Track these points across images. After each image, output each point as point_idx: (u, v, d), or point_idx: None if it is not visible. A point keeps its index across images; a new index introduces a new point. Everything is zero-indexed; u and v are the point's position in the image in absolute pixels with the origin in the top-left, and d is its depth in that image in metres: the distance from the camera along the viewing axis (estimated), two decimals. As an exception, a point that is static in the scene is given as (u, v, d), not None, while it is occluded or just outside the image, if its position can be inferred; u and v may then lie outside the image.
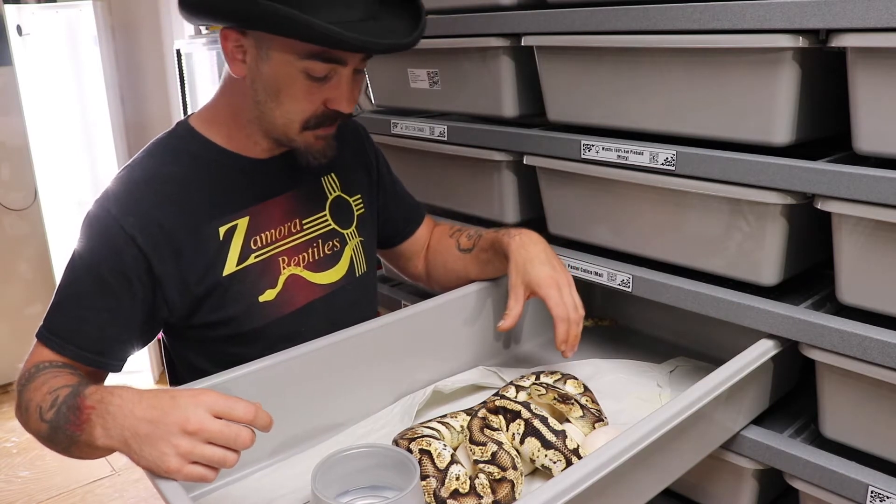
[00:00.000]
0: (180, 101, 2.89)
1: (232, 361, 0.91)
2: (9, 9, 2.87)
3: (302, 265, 1.04)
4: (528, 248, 1.05)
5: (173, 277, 0.93)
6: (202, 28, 2.75)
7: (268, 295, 0.99)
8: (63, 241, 3.05)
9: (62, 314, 0.92)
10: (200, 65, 2.82)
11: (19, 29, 2.92)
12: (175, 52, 2.82)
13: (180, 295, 0.94)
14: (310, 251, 1.05)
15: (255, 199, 1.00)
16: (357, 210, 1.14)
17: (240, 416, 0.72)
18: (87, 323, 0.91)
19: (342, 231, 1.10)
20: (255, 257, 0.99)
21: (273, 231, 1.01)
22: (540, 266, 1.03)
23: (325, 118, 0.95)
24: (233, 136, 1.00)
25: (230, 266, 0.97)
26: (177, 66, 2.84)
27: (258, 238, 0.99)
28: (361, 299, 1.13)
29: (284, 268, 1.02)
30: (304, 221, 1.05)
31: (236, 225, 0.97)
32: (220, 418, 0.72)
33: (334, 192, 1.10)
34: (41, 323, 0.93)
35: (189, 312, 0.96)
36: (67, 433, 0.78)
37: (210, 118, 1.02)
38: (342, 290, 1.09)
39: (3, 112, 2.87)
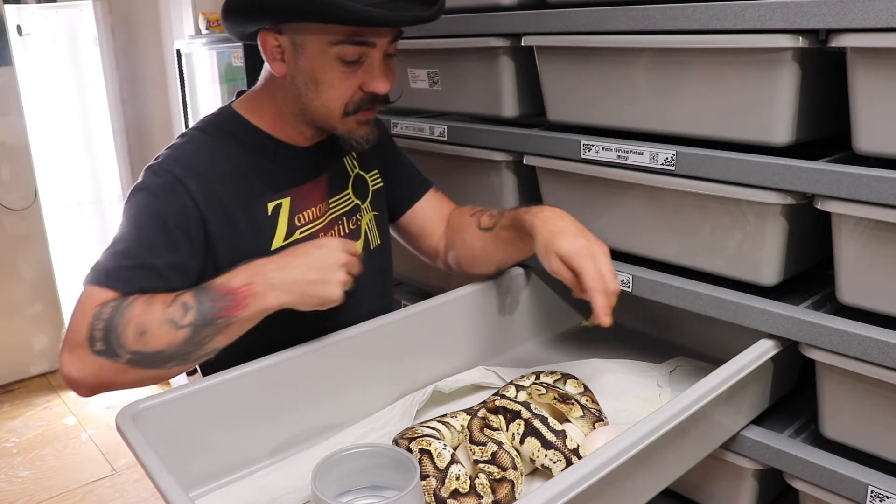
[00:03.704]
0: (180, 100, 2.89)
1: (256, 329, 0.91)
2: (9, 9, 2.87)
3: None
4: (554, 223, 1.01)
5: (226, 245, 0.98)
6: (202, 28, 2.76)
7: None
8: (63, 241, 3.06)
9: (130, 259, 0.92)
10: (200, 65, 2.82)
11: (19, 29, 2.93)
12: (175, 52, 2.82)
13: (229, 263, 0.95)
14: (336, 228, 1.10)
15: (295, 183, 1.05)
16: (373, 185, 1.18)
17: (357, 250, 0.95)
18: (156, 271, 0.92)
19: (361, 206, 1.15)
20: (301, 233, 1.04)
21: (313, 209, 1.07)
22: (572, 238, 0.98)
23: (364, 102, 1.00)
24: (276, 126, 1.05)
25: (278, 240, 1.02)
26: (177, 66, 2.84)
27: (301, 216, 1.05)
28: (376, 272, 1.16)
29: None
30: (331, 201, 1.10)
31: (281, 203, 1.03)
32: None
33: (354, 169, 1.15)
34: (95, 269, 0.91)
35: None
36: (220, 322, 0.87)
37: (254, 108, 1.06)
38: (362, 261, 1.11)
39: (3, 112, 2.88)
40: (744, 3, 0.90)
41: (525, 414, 0.90)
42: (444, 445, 0.87)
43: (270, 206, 1.02)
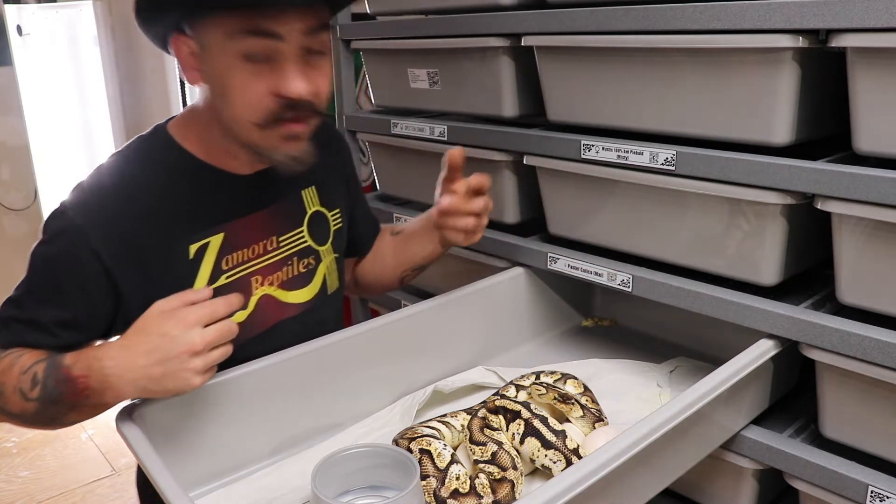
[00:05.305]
0: (180, 101, 2.89)
1: None
2: (9, 9, 2.87)
3: (276, 284, 1.00)
4: None
5: (137, 295, 0.89)
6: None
7: (237, 317, 0.93)
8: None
9: (19, 311, 0.88)
10: (200, 65, 2.83)
11: (19, 29, 2.93)
12: (175, 52, 2.82)
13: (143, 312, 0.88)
14: (284, 269, 1.01)
15: (231, 216, 0.95)
16: (334, 225, 1.10)
17: (223, 313, 0.80)
18: (41, 328, 0.87)
19: (318, 248, 1.06)
20: (227, 278, 0.95)
21: (247, 250, 0.97)
22: None
23: (283, 110, 0.85)
24: (209, 150, 0.94)
25: (199, 285, 0.93)
26: (177, 66, 2.85)
27: (230, 258, 0.95)
28: (330, 317, 1.09)
29: (257, 288, 0.98)
30: (280, 239, 1.00)
31: (208, 243, 0.93)
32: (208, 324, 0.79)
33: (313, 206, 1.06)
34: None
35: None
36: (67, 403, 0.81)
37: (186, 128, 0.96)
38: (313, 309, 1.05)
39: (3, 112, 2.88)
40: (744, 3, 0.90)
41: (525, 414, 0.90)
42: (444, 445, 0.87)
43: (194, 247, 0.92)
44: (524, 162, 1.24)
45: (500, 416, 0.92)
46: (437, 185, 1.09)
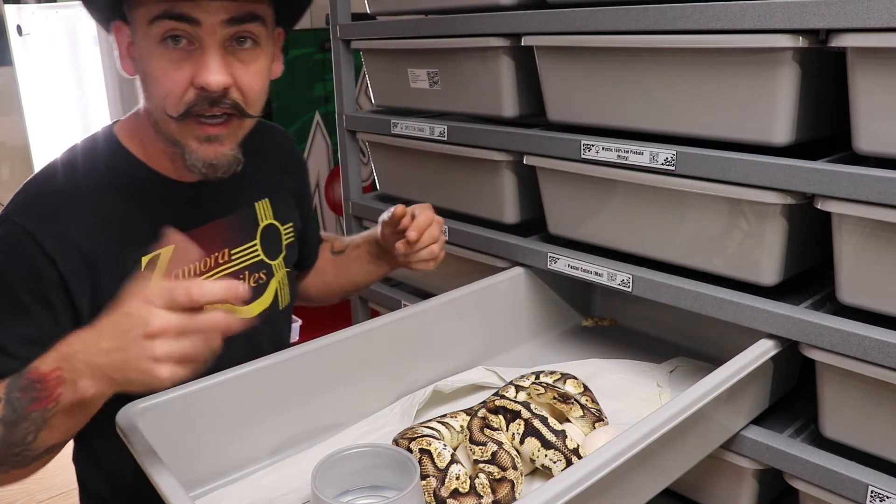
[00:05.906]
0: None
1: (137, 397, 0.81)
2: (9, 9, 2.87)
3: None
4: None
5: (88, 306, 0.85)
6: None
7: None
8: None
9: None
10: (200, 65, 2.83)
11: (19, 29, 2.93)
12: (175, 52, 2.83)
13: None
14: None
15: (182, 227, 0.88)
16: (286, 239, 1.08)
17: (199, 298, 0.65)
18: (4, 351, 0.81)
19: (270, 262, 1.03)
20: None
21: (198, 262, 0.93)
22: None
23: (202, 102, 0.80)
24: (153, 155, 0.90)
25: None
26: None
27: (180, 271, 0.91)
28: (282, 331, 1.07)
29: None
30: (233, 251, 0.97)
31: (160, 254, 0.88)
32: (193, 307, 0.66)
33: (266, 219, 1.03)
34: None
35: None
36: (35, 415, 0.71)
37: (133, 131, 0.91)
38: (264, 323, 1.03)
39: (3, 112, 2.88)
40: (744, 3, 0.90)
41: (525, 414, 0.90)
42: (444, 445, 0.87)
43: (145, 259, 0.87)
44: (524, 162, 1.24)
45: (500, 416, 0.92)
46: (379, 226, 1.10)
